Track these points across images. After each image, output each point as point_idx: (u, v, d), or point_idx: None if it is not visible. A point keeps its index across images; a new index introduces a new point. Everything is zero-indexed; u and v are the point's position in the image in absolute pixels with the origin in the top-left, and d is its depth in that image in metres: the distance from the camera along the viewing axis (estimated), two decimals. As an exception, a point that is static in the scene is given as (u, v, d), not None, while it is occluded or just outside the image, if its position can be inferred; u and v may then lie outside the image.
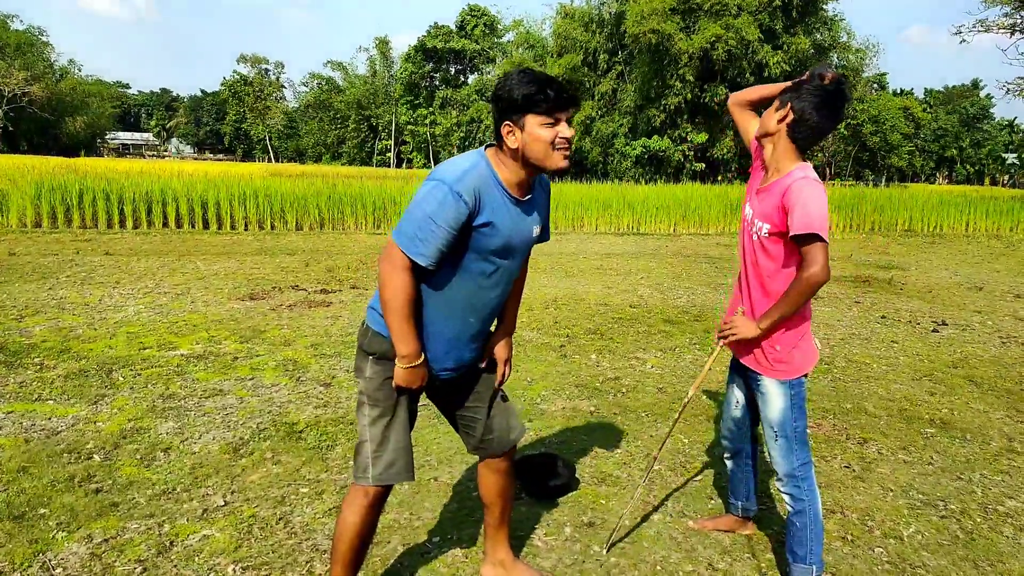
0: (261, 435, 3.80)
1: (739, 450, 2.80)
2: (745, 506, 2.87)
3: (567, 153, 1.98)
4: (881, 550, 2.84)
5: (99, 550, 2.65)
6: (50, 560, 2.57)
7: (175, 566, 2.57)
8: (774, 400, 2.42)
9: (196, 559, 2.61)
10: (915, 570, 2.71)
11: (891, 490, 3.40)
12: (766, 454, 2.59)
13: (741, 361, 2.53)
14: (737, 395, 2.71)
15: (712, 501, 3.25)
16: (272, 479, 3.29)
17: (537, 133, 1.92)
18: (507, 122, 1.95)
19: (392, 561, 2.66)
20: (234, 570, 2.55)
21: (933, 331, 6.88)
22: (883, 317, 7.50)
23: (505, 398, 2.39)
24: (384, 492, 2.17)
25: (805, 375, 2.42)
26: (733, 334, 2.42)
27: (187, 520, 2.89)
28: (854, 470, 3.61)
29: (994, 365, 5.70)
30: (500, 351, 2.35)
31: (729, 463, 2.86)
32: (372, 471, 2.12)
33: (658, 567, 2.68)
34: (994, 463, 3.76)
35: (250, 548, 2.70)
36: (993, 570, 2.72)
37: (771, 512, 3.16)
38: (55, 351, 5.21)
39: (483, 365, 2.31)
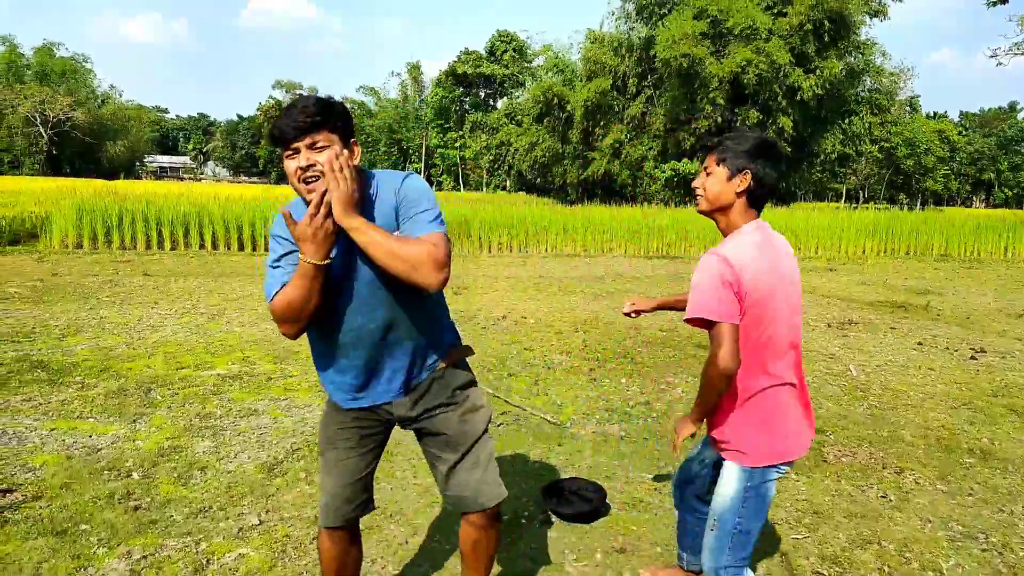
0: (295, 455, 3.85)
1: (687, 501, 2.55)
2: (690, 560, 2.62)
3: (310, 187, 1.83)
4: (920, 583, 2.79)
5: (138, 567, 2.70)
6: (92, 574, 2.63)
7: (211, 584, 2.61)
8: (726, 483, 2.12)
9: (232, 577, 2.66)
10: (956, 604, 2.65)
11: (930, 521, 3.33)
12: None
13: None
14: (709, 452, 2.42)
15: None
16: (306, 499, 3.33)
17: (286, 166, 1.87)
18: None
19: (424, 584, 2.67)
20: (269, 589, 2.59)
21: (971, 358, 6.74)
22: (920, 344, 7.37)
23: (489, 458, 2.17)
24: (337, 531, 2.14)
25: (777, 467, 2.09)
26: (674, 439, 2.20)
27: (223, 539, 2.94)
28: (891, 500, 3.55)
29: (1036, 394, 5.57)
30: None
31: (678, 510, 2.62)
32: (320, 516, 2.16)
33: (691, 595, 2.66)
34: (1037, 495, 3.67)
35: (284, 568, 2.74)
36: (1037, 606, 2.65)
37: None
38: (96, 370, 5.34)
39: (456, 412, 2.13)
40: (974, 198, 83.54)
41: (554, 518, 3.22)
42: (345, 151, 1.85)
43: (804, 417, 2.16)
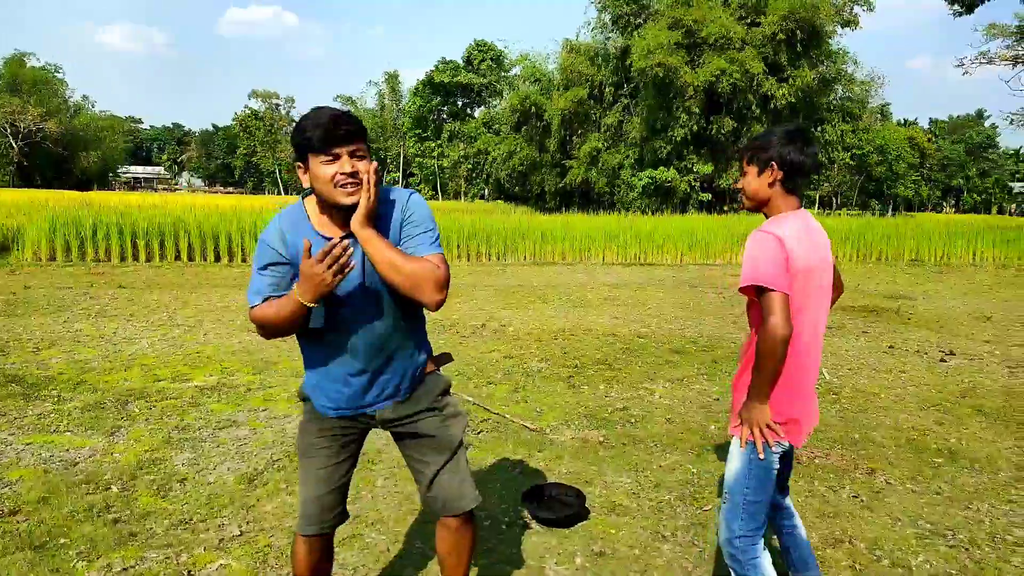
0: (275, 465, 3.86)
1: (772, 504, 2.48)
2: None
3: (351, 190, 1.90)
4: (890, 579, 2.87)
5: (119, 579, 2.70)
6: (71, 589, 2.63)
7: (193, 595, 2.62)
8: (733, 459, 2.27)
9: (213, 588, 2.66)
10: (924, 599, 2.73)
11: (899, 520, 3.42)
12: None
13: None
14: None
15: (721, 531, 3.27)
16: (287, 509, 3.34)
17: (324, 169, 1.90)
18: (298, 163, 1.96)
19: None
20: (251, 599, 2.60)
21: (941, 361, 6.90)
22: (891, 347, 7.52)
23: (467, 464, 2.25)
24: (315, 539, 2.19)
25: (780, 443, 2.21)
26: (755, 434, 2.19)
27: (204, 549, 2.94)
28: (862, 500, 3.64)
29: (1002, 395, 5.71)
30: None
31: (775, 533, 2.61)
32: (298, 522, 2.20)
33: (668, 596, 2.71)
34: (1002, 493, 3.77)
35: (266, 577, 2.75)
36: (1002, 599, 2.74)
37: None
38: (72, 383, 5.29)
39: (439, 416, 2.19)
40: (944, 204, 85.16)
41: (534, 523, 3.26)
42: (374, 163, 1.94)
43: (812, 403, 2.29)
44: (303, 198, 2.06)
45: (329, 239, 1.93)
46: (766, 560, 2.26)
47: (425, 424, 2.17)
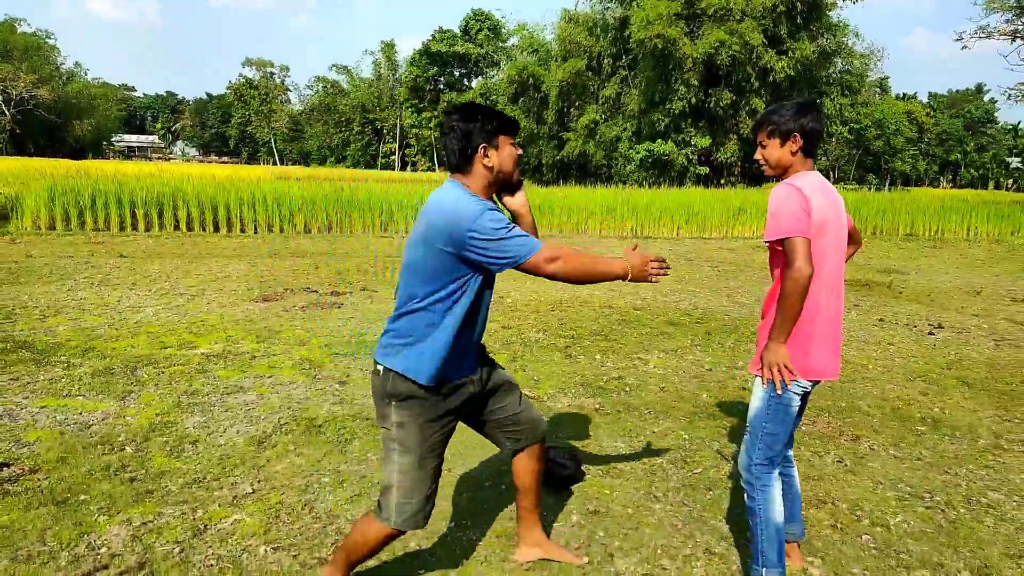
0: (283, 429, 4.00)
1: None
2: (787, 528, 2.69)
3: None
4: (868, 537, 3.03)
5: (139, 532, 2.85)
6: (95, 540, 2.77)
7: (210, 547, 2.77)
8: (755, 397, 2.53)
9: (229, 541, 2.82)
10: (899, 555, 2.90)
11: (881, 483, 3.58)
12: None
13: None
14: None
15: (710, 492, 3.44)
16: (295, 469, 3.49)
17: (511, 151, 2.34)
18: (484, 144, 2.27)
19: (413, 545, 2.85)
20: (265, 551, 2.75)
21: (929, 334, 7.06)
22: (881, 320, 7.68)
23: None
24: (401, 532, 2.33)
25: (799, 382, 2.42)
26: (775, 374, 2.39)
27: (218, 506, 3.09)
28: (846, 464, 3.80)
29: (986, 367, 5.88)
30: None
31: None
32: (396, 518, 2.27)
33: (659, 551, 2.88)
34: (980, 458, 3.94)
35: (279, 531, 2.90)
36: (973, 556, 2.91)
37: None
38: (80, 350, 5.42)
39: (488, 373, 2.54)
40: (941, 178, 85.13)
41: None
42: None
43: (834, 347, 2.50)
44: (457, 183, 2.31)
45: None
46: (776, 490, 2.51)
47: (495, 376, 2.53)
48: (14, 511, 2.97)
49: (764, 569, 2.47)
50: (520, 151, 2.40)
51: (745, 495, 2.56)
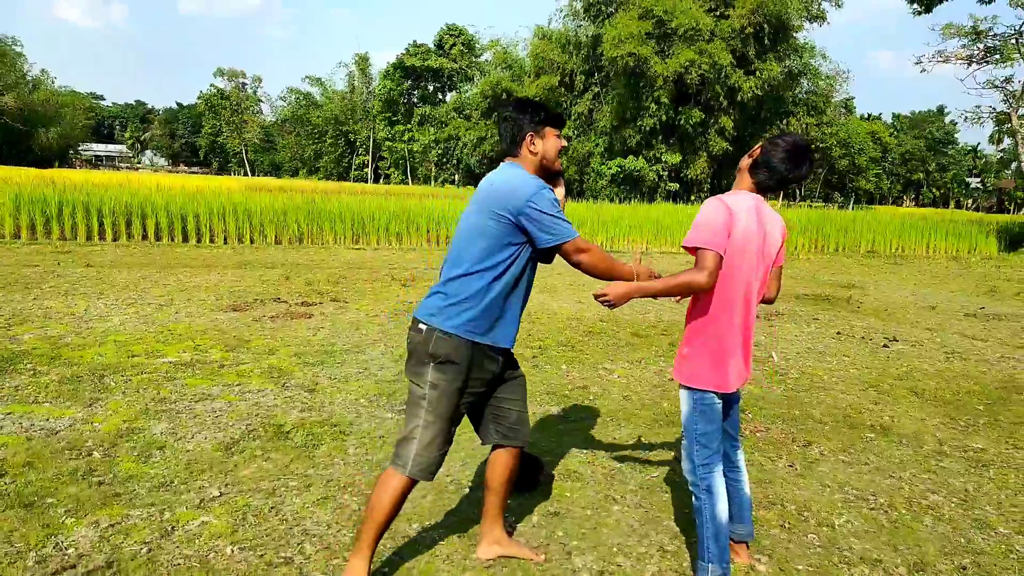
0: (251, 435, 4.06)
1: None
2: (732, 528, 2.82)
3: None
4: (814, 536, 3.19)
5: (107, 533, 2.90)
6: (62, 541, 2.82)
7: (178, 547, 2.83)
8: (682, 403, 2.69)
9: (197, 541, 2.88)
10: (842, 552, 3.05)
11: (828, 486, 3.75)
12: None
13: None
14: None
15: (666, 495, 3.57)
16: (263, 474, 3.56)
17: (555, 141, 2.66)
18: (532, 133, 2.59)
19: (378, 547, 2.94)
20: (232, 551, 2.82)
21: (884, 347, 7.31)
22: (838, 333, 7.93)
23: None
24: (415, 482, 2.55)
25: (712, 394, 2.60)
26: (605, 296, 2.56)
27: (186, 508, 3.15)
28: (797, 469, 3.96)
29: (936, 378, 6.12)
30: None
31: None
32: (411, 467, 2.51)
33: (615, 549, 3.00)
34: (924, 464, 4.13)
35: (245, 532, 2.97)
36: (910, 552, 3.07)
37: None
38: (46, 357, 5.41)
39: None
40: (904, 197, 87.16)
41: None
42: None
43: (743, 362, 2.68)
44: (515, 165, 2.62)
45: None
46: (720, 489, 2.65)
47: (513, 369, 2.74)
48: (-20, 514, 3.00)
49: (710, 565, 2.60)
50: (565, 143, 2.66)
51: (692, 496, 2.69)
